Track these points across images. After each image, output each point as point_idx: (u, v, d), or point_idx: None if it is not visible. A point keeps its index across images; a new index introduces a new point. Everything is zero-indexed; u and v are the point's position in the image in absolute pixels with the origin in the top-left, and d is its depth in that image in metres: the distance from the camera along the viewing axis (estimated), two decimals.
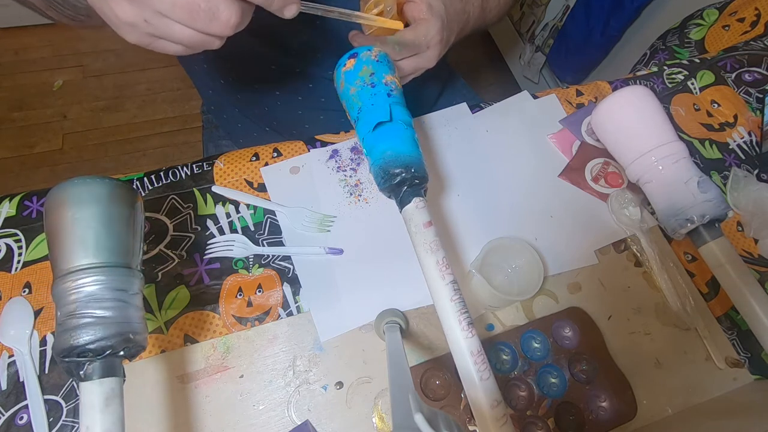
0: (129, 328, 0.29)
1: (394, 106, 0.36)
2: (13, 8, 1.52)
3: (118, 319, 0.29)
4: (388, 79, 0.38)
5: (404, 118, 0.37)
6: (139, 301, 0.31)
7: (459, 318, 0.30)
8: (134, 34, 0.29)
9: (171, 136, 1.54)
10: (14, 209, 0.46)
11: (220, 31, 0.28)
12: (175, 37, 0.29)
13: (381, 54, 0.39)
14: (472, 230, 0.48)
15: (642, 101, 0.45)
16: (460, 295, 0.31)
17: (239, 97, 0.65)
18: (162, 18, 0.27)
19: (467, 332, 0.30)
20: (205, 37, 0.29)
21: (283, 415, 0.39)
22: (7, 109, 1.49)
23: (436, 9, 0.43)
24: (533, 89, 0.89)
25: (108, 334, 0.28)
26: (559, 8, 1.30)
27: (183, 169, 0.49)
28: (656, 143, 0.44)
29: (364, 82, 0.37)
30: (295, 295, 0.44)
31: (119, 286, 0.29)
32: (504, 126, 0.55)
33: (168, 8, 0.26)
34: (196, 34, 0.29)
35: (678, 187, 0.42)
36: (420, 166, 0.35)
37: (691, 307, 0.45)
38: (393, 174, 0.35)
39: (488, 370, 0.29)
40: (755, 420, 0.38)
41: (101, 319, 0.28)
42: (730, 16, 0.71)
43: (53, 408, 0.38)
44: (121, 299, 0.29)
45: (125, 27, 0.29)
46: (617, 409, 0.40)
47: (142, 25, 0.28)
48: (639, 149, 0.45)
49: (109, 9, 0.28)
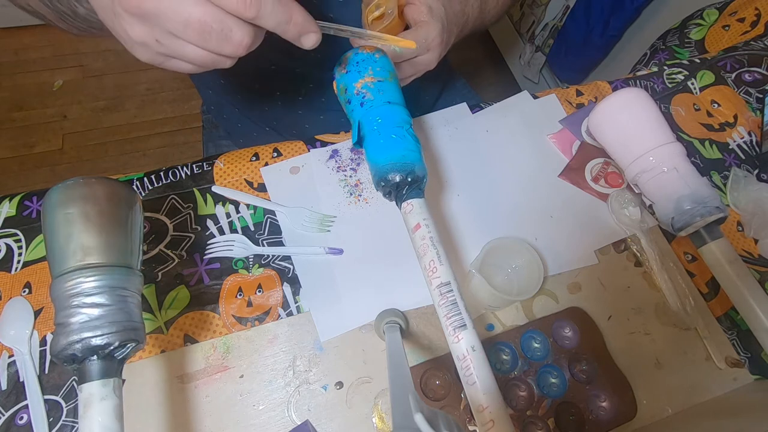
0: (127, 329, 0.29)
1: (370, 111, 0.36)
2: (13, 8, 1.52)
3: (117, 319, 0.29)
4: (358, 86, 0.37)
5: (384, 117, 0.36)
6: (138, 302, 0.31)
7: (446, 323, 0.30)
8: (146, 53, 0.29)
9: (171, 136, 1.54)
10: (14, 209, 0.46)
11: (232, 51, 0.28)
12: (188, 57, 0.29)
13: (351, 57, 0.38)
14: (472, 230, 0.48)
15: (637, 103, 0.45)
16: (449, 297, 0.31)
17: (239, 97, 0.65)
18: (174, 39, 0.27)
19: (453, 337, 0.30)
20: (217, 57, 0.29)
21: (283, 415, 0.39)
22: (7, 109, 1.49)
23: (436, 11, 0.43)
24: (533, 89, 0.89)
25: (106, 334, 0.28)
26: (559, 8, 1.30)
27: (183, 169, 0.49)
28: (653, 145, 0.44)
29: (342, 100, 0.39)
30: (295, 295, 0.44)
31: (118, 287, 0.29)
32: (504, 126, 0.55)
33: (180, 29, 0.26)
34: (208, 54, 0.29)
35: (675, 189, 0.42)
36: (404, 167, 0.34)
37: (691, 307, 0.45)
38: (379, 185, 0.35)
39: (474, 375, 0.29)
40: (755, 420, 0.38)
41: (100, 319, 0.28)
42: (730, 16, 0.71)
43: (53, 408, 0.38)
44: (120, 299, 0.29)
45: (137, 47, 0.29)
46: (617, 409, 0.40)
47: (154, 45, 0.28)
48: (636, 151, 0.45)
49: (121, 29, 0.28)
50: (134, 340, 0.29)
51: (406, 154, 0.35)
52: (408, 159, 0.35)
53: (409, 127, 0.37)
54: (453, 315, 0.30)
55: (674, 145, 0.44)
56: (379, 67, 0.38)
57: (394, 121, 0.36)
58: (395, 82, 0.39)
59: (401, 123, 0.36)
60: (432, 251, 0.32)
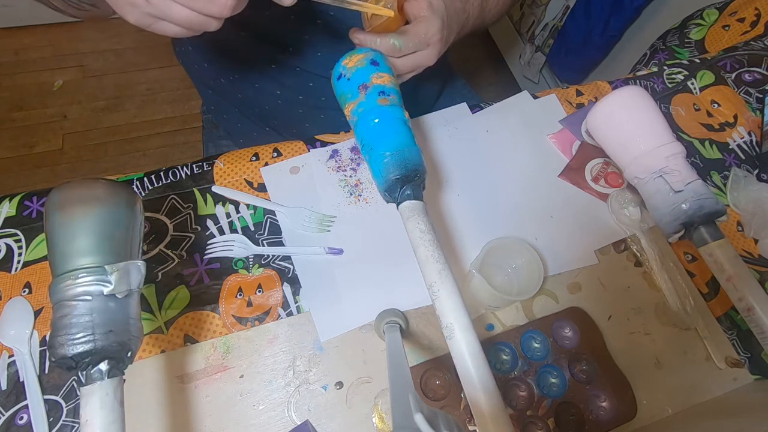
0: (125, 329, 0.29)
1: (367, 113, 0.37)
2: (13, 8, 1.52)
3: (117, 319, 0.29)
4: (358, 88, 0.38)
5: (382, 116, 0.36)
6: (137, 302, 0.31)
7: None
8: (134, 13, 0.30)
9: (171, 136, 1.54)
10: (14, 209, 0.46)
11: (218, 11, 0.30)
12: (174, 18, 0.30)
13: (349, 59, 0.39)
14: (472, 230, 0.48)
15: (636, 102, 0.45)
16: None
17: (239, 96, 0.65)
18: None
19: None
20: (204, 18, 0.30)
21: (283, 415, 0.39)
22: (7, 109, 1.49)
23: (437, 7, 0.43)
24: (533, 89, 0.89)
25: (106, 334, 0.28)
26: (559, 8, 1.30)
27: (183, 169, 0.49)
28: (653, 145, 0.43)
29: (341, 102, 0.40)
30: (295, 295, 0.44)
31: None
32: (504, 126, 0.55)
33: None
34: (195, 14, 0.30)
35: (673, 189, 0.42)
36: (404, 163, 0.35)
37: (691, 307, 0.45)
38: (381, 184, 0.36)
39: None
40: (755, 420, 0.38)
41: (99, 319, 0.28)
42: (730, 16, 0.71)
43: (53, 408, 0.38)
44: (119, 300, 0.29)
45: (126, 6, 0.30)
46: (617, 409, 0.40)
47: (143, 5, 0.29)
48: (635, 151, 0.44)
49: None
50: (131, 340, 0.29)
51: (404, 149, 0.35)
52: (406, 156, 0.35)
53: (408, 125, 0.37)
54: None
55: (674, 145, 0.44)
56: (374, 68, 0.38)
57: (392, 121, 0.36)
58: (392, 80, 0.39)
59: (399, 122, 0.36)
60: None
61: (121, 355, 0.29)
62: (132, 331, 0.30)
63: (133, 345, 0.30)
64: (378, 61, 0.39)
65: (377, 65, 0.38)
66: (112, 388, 0.28)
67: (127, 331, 0.29)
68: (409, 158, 0.35)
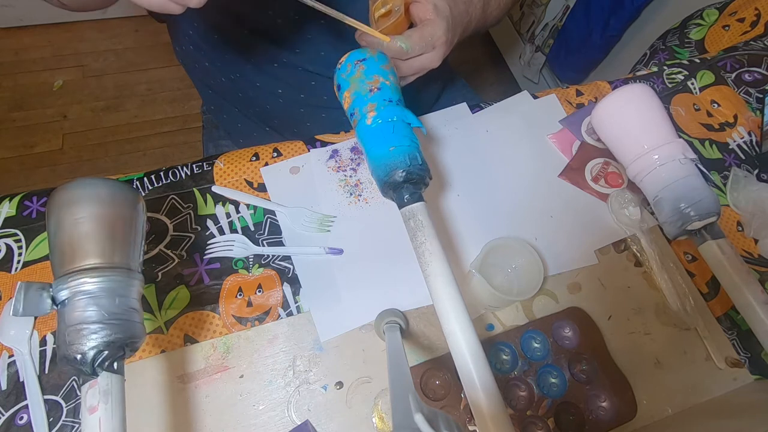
0: (128, 329, 0.29)
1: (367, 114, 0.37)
2: (13, 8, 1.52)
3: (118, 319, 0.29)
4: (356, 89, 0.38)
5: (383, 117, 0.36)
6: (138, 302, 0.31)
7: None
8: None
9: (171, 136, 1.54)
10: (14, 209, 0.46)
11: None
12: None
13: (349, 59, 0.39)
14: (472, 230, 0.48)
15: (642, 99, 0.45)
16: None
17: (240, 96, 0.65)
18: None
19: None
20: None
21: (283, 415, 0.39)
22: (7, 109, 1.49)
23: (442, 10, 0.43)
24: (533, 89, 0.89)
25: (107, 334, 0.28)
26: (559, 8, 1.30)
27: (183, 169, 0.49)
28: (657, 143, 0.43)
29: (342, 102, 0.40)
30: (295, 295, 0.44)
31: (119, 287, 0.29)
32: (504, 126, 0.55)
33: None
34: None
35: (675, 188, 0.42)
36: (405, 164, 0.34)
37: (691, 307, 0.45)
38: (382, 183, 0.36)
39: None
40: (755, 420, 0.38)
41: (100, 319, 0.28)
42: (730, 16, 0.71)
43: (53, 408, 0.38)
44: (121, 300, 0.29)
45: None
46: (617, 409, 0.40)
47: None
48: (639, 148, 0.44)
49: None
50: (133, 340, 0.29)
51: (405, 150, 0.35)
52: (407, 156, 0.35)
53: (409, 126, 0.37)
54: None
55: (678, 144, 0.43)
56: (377, 69, 0.38)
57: (394, 121, 0.36)
58: (394, 81, 0.39)
59: (400, 122, 0.36)
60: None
61: (122, 355, 0.29)
62: (134, 331, 0.30)
63: (133, 345, 0.30)
64: (382, 63, 0.39)
65: (381, 66, 0.38)
66: (113, 387, 0.28)
67: (130, 328, 0.29)
68: (410, 158, 0.35)
